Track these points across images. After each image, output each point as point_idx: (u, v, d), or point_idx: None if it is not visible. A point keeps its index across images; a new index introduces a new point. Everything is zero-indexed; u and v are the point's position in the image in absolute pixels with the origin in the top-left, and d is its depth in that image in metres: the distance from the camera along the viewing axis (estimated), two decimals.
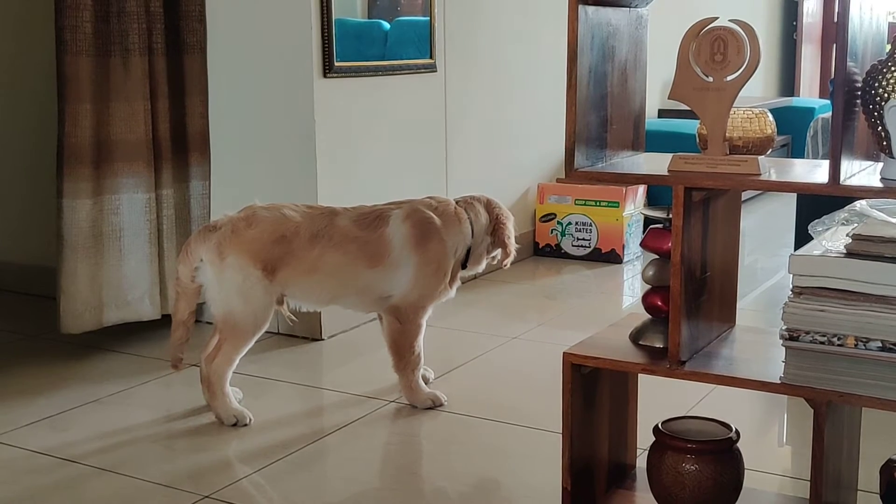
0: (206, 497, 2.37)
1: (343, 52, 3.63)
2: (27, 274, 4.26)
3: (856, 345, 1.72)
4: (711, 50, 1.80)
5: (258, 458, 2.61)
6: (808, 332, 1.76)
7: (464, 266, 2.96)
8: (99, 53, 3.32)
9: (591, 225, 4.82)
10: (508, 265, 3.04)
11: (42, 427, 2.82)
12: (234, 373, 2.85)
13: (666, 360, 1.88)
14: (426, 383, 3.01)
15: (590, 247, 4.84)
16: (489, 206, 2.99)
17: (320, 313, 3.53)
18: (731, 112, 1.84)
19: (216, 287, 2.79)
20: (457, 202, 2.96)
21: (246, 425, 2.80)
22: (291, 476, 2.51)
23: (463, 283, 3.05)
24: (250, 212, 2.84)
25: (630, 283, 4.52)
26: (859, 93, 1.72)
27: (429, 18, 4.10)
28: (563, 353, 1.97)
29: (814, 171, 1.85)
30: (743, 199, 2.46)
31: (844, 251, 1.76)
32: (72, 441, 2.72)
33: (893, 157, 1.69)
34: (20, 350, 3.57)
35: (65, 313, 3.36)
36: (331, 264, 2.82)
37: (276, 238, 2.79)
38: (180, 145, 3.57)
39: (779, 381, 1.80)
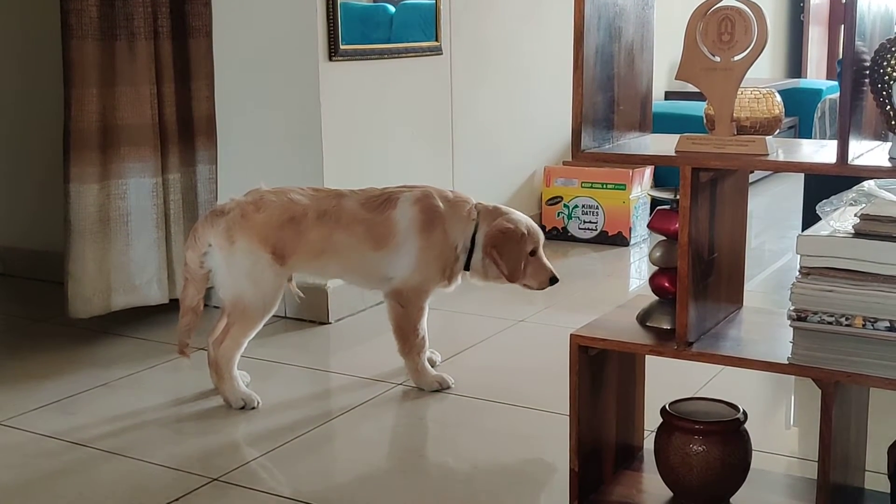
0: (215, 480, 2.38)
1: (348, 35, 3.62)
2: (40, 260, 4.26)
3: (864, 325, 1.72)
4: (719, 30, 1.79)
5: (266, 440, 2.61)
6: (815, 313, 1.75)
7: (467, 268, 2.90)
8: (104, 37, 3.31)
9: (597, 208, 4.81)
10: (536, 289, 2.91)
11: (51, 411, 2.83)
12: (241, 356, 2.86)
13: (673, 342, 1.88)
14: (433, 366, 3.01)
15: (596, 230, 4.83)
16: (496, 215, 2.86)
17: (327, 297, 3.54)
18: (739, 92, 1.83)
19: (225, 271, 2.80)
20: (477, 205, 2.90)
21: (254, 408, 2.81)
22: (299, 458, 2.51)
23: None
24: (258, 195, 2.83)
25: (637, 265, 4.52)
26: (867, 72, 1.71)
27: (434, 1, 4.09)
28: (571, 334, 1.97)
29: (822, 151, 1.85)
30: (750, 181, 2.46)
31: (852, 231, 1.76)
32: (81, 425, 2.73)
33: None
34: (29, 334, 3.58)
35: (73, 298, 3.36)
36: (337, 244, 2.82)
37: (284, 221, 2.79)
38: (187, 129, 3.57)
39: (786, 362, 1.80)
